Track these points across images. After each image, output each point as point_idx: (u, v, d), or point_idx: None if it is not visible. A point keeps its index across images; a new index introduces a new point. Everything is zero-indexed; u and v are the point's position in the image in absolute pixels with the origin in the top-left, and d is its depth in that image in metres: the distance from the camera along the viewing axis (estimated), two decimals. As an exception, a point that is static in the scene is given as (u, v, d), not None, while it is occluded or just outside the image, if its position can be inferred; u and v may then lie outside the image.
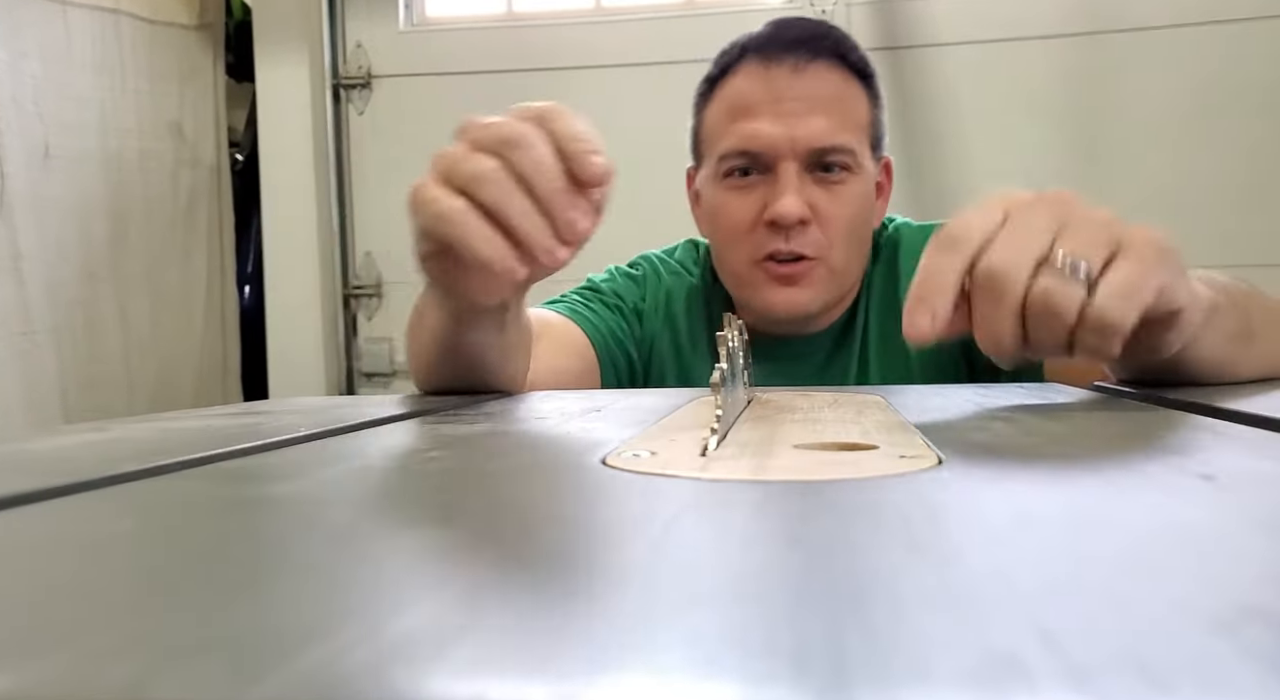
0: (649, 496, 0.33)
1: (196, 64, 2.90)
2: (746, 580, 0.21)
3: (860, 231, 1.19)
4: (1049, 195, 0.59)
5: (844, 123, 1.14)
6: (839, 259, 1.16)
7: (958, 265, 0.57)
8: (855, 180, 1.15)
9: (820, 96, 1.14)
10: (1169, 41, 2.49)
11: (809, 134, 1.12)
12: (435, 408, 0.69)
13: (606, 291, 1.26)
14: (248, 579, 0.23)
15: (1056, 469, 0.36)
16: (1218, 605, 0.18)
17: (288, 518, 0.31)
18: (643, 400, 0.72)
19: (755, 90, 1.16)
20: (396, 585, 0.22)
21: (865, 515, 0.28)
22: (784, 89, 1.14)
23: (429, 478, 0.39)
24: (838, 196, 1.14)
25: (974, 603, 0.19)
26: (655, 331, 1.26)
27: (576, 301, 1.23)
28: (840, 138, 1.13)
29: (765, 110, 1.14)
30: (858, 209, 1.16)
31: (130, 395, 2.68)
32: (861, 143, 1.17)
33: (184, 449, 0.45)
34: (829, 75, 1.15)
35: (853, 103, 1.17)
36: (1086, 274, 0.55)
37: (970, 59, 2.60)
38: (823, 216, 1.14)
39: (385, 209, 2.96)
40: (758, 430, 0.49)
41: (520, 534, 0.27)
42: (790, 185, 1.12)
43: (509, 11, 2.93)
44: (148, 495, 0.35)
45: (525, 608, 0.19)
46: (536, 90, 2.79)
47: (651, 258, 1.33)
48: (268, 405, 0.86)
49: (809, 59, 1.14)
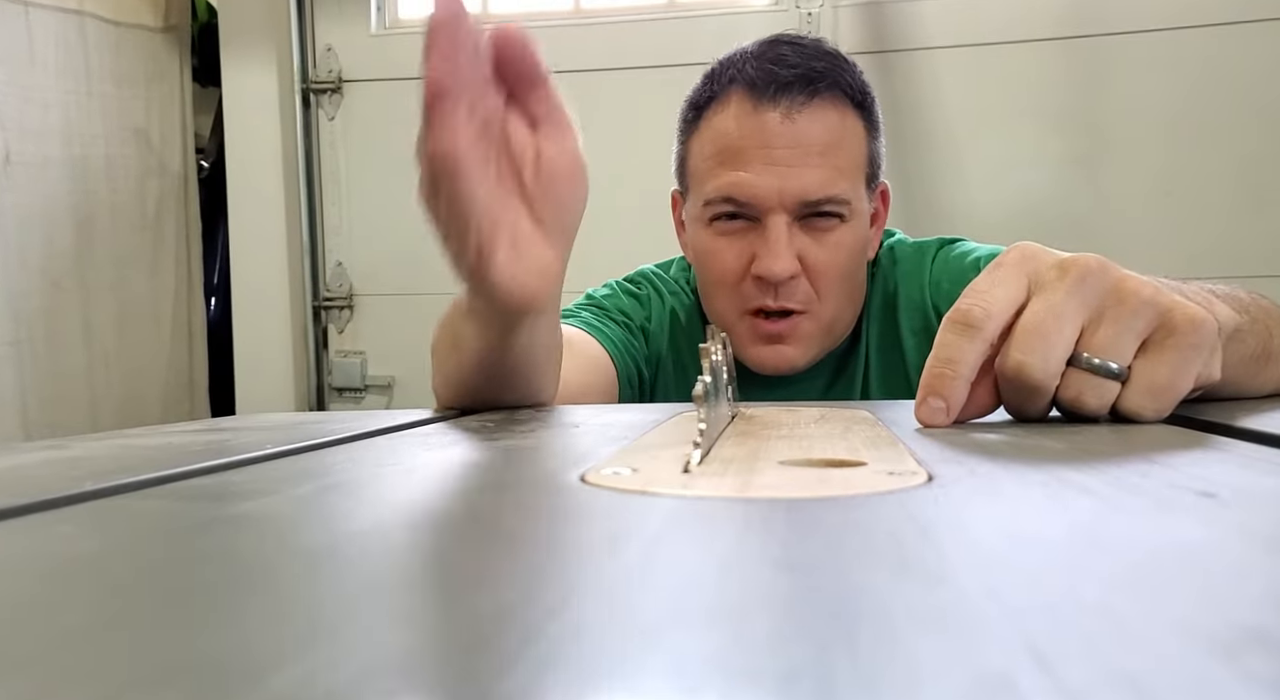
0: (629, 515, 0.32)
1: (162, 67, 2.90)
2: (730, 601, 0.21)
3: (852, 278, 1.18)
4: (1077, 267, 0.56)
5: (839, 170, 1.13)
6: (829, 310, 1.15)
7: (973, 353, 0.57)
8: (847, 228, 1.14)
9: (814, 144, 1.12)
10: (1164, 44, 2.49)
11: (800, 187, 1.11)
12: (408, 424, 0.69)
13: (612, 309, 1.25)
14: (213, 602, 0.23)
15: (1051, 486, 0.36)
16: (1218, 627, 0.18)
17: (256, 538, 0.31)
18: (623, 416, 0.72)
19: (744, 134, 1.13)
20: (366, 609, 0.22)
21: (853, 534, 0.28)
22: (774, 136, 1.12)
23: (401, 496, 0.39)
24: (828, 245, 1.13)
25: (965, 624, 0.19)
26: (660, 352, 1.26)
27: (589, 317, 1.22)
28: (833, 189, 1.12)
29: (754, 157, 1.12)
30: (849, 255, 1.15)
31: (94, 410, 2.66)
32: (857, 184, 1.15)
33: (148, 466, 0.45)
34: (825, 116, 1.13)
35: (849, 144, 1.15)
36: (1119, 371, 0.55)
37: (961, 63, 2.61)
38: (812, 268, 1.13)
39: (357, 218, 2.95)
40: (742, 446, 0.48)
41: (495, 554, 0.27)
42: (779, 241, 1.11)
43: (483, 13, 2.91)
44: (110, 515, 0.35)
45: (499, 631, 0.19)
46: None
47: (650, 277, 1.32)
48: (235, 421, 0.86)
49: (804, 101, 1.12)
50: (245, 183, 2.94)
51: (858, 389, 1.22)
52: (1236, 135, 2.47)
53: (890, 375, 1.21)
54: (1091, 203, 2.54)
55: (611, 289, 1.30)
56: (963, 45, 2.61)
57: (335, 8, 2.96)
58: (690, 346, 1.27)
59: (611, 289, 1.30)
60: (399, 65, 2.90)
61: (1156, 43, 2.51)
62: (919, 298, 1.20)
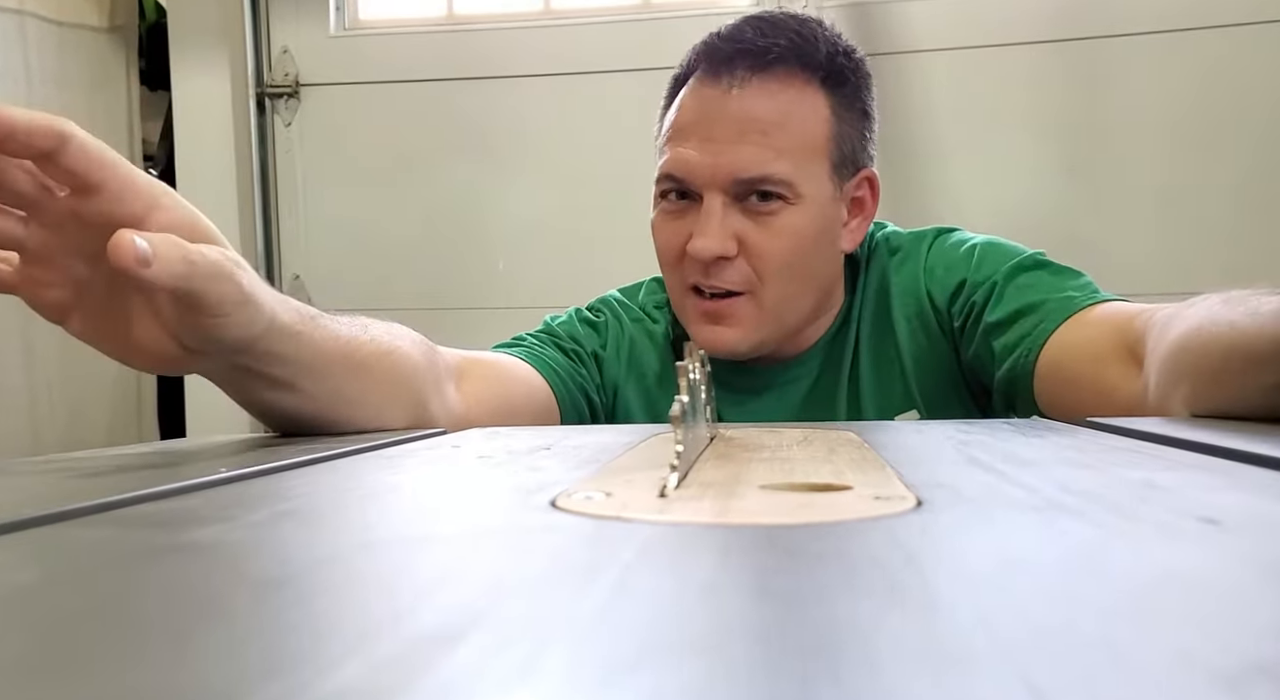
0: (603, 542, 0.32)
1: (108, 70, 2.89)
2: (709, 633, 0.21)
3: (802, 265, 1.18)
4: None
5: (780, 149, 1.13)
6: (772, 295, 1.16)
7: None
8: (793, 210, 1.14)
9: (754, 120, 1.13)
10: (1165, 47, 2.50)
11: (733, 163, 1.12)
12: (367, 446, 0.69)
13: (563, 336, 1.27)
14: (161, 636, 0.22)
15: (1046, 511, 0.36)
16: (1222, 660, 0.18)
17: (207, 568, 0.30)
18: (596, 437, 0.72)
19: (691, 109, 1.16)
20: (325, 641, 0.22)
21: (838, 562, 0.28)
22: (714, 112, 1.14)
23: (361, 523, 0.39)
24: (768, 228, 1.14)
25: (957, 656, 0.19)
26: (618, 380, 1.27)
27: (533, 344, 1.23)
28: (770, 168, 1.12)
29: (694, 133, 1.15)
30: (795, 241, 1.15)
31: (35, 433, 2.65)
32: (807, 167, 1.15)
33: (94, 492, 0.45)
34: (774, 91, 1.14)
35: (799, 122, 1.15)
36: None
37: (952, 66, 2.61)
38: (752, 250, 1.14)
39: (314, 229, 2.94)
40: (721, 469, 0.48)
41: (460, 583, 0.27)
42: (711, 220, 1.13)
43: (449, 14, 2.91)
44: (51, 543, 0.35)
45: (466, 664, 0.19)
46: (480, 100, 2.81)
47: (612, 302, 1.34)
48: (186, 443, 0.85)
49: (748, 75, 1.13)
50: (196, 192, 2.90)
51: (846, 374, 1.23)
52: (1242, 143, 2.48)
53: (882, 362, 1.22)
54: (1088, 213, 2.54)
55: (569, 316, 1.32)
56: (954, 48, 2.61)
57: (292, 7, 2.94)
58: (657, 372, 1.28)
59: (569, 316, 1.32)
60: (359, 68, 2.90)
61: (1156, 45, 2.51)
62: (914, 285, 1.22)
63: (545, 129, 2.78)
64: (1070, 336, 1.02)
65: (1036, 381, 1.03)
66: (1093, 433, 0.68)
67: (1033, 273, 1.12)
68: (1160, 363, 0.82)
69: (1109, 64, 2.54)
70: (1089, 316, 1.02)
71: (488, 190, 2.80)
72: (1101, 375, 0.96)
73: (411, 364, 0.91)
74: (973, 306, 1.13)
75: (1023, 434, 0.67)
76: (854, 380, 1.23)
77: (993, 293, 1.12)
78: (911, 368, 1.19)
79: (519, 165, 2.80)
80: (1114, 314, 1.00)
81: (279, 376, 0.77)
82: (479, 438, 0.76)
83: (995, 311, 1.10)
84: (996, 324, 1.10)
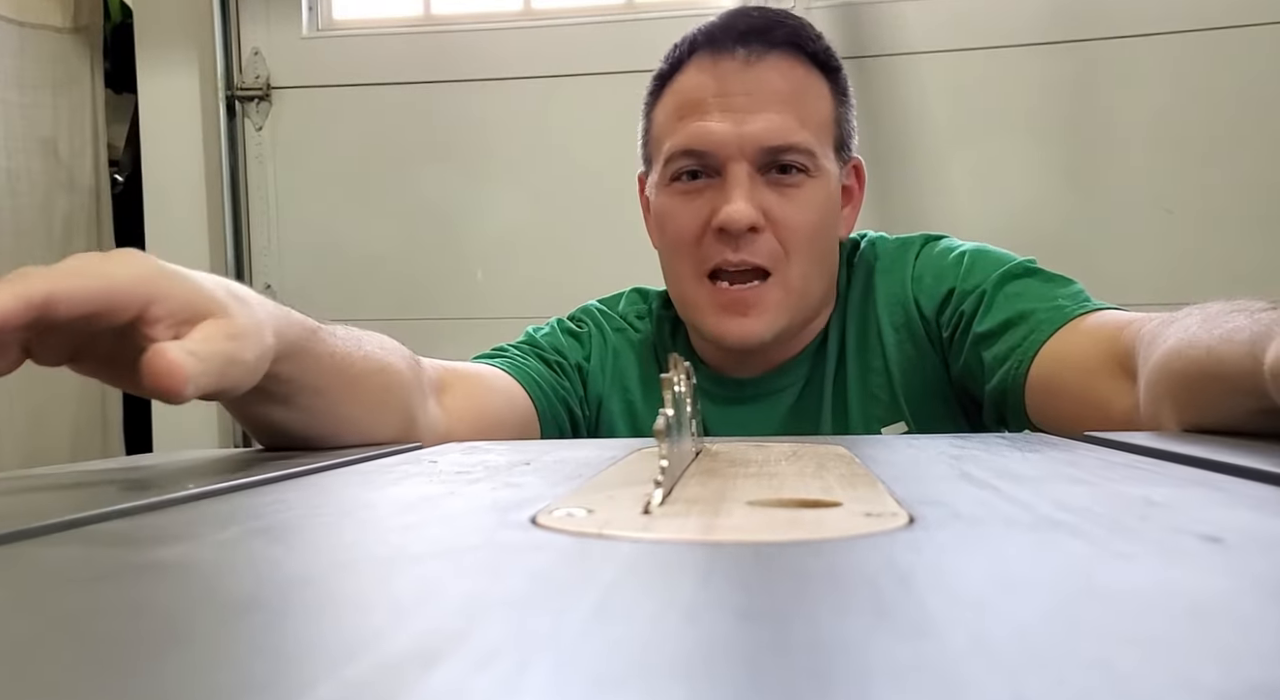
0: (584, 560, 0.32)
1: (72, 72, 2.88)
2: (693, 655, 0.21)
3: (822, 241, 1.20)
4: None
5: (801, 120, 1.15)
6: (797, 273, 1.17)
7: None
8: (814, 184, 1.16)
9: (774, 91, 1.15)
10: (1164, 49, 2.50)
11: (760, 131, 1.13)
12: (342, 461, 0.69)
13: (546, 347, 1.27)
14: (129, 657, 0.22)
15: (1043, 528, 0.36)
16: (1225, 683, 0.18)
17: (174, 588, 0.30)
18: (577, 452, 0.72)
19: (704, 85, 1.17)
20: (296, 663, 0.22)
21: (827, 581, 0.28)
22: (734, 83, 1.15)
23: (334, 541, 0.39)
24: (794, 200, 1.15)
25: (950, 681, 0.19)
26: (603, 392, 1.28)
27: (515, 355, 1.24)
28: (796, 136, 1.14)
29: (713, 106, 1.15)
30: (818, 215, 1.17)
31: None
32: (822, 142, 1.18)
33: (56, 509, 0.44)
34: (786, 68, 1.17)
35: (813, 98, 1.18)
36: None
37: (945, 68, 2.62)
38: (777, 222, 1.15)
39: (287, 236, 2.93)
40: (707, 485, 0.48)
41: (437, 604, 0.27)
42: (740, 187, 1.13)
43: (426, 14, 2.91)
44: (12, 562, 0.35)
45: (442, 688, 0.19)
46: (458, 103, 2.81)
47: (594, 313, 1.35)
48: (153, 459, 0.85)
49: (763, 51, 1.16)
50: (163, 198, 2.91)
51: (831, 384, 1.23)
52: (1243, 148, 2.48)
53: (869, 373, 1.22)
54: (1085, 219, 2.54)
55: (551, 327, 1.33)
56: (947, 50, 2.62)
57: (263, 7, 2.93)
58: (641, 384, 1.28)
59: (551, 327, 1.33)
60: (333, 70, 2.89)
61: (1155, 47, 2.52)
62: (900, 292, 1.22)
63: (525, 133, 2.78)
64: (1061, 348, 1.03)
65: (1028, 394, 1.04)
66: (1089, 447, 0.68)
67: (1022, 281, 1.12)
68: (1146, 379, 0.83)
69: (1103, 67, 2.55)
70: (1080, 326, 1.03)
71: (466, 196, 2.80)
72: (1093, 388, 0.96)
73: (401, 380, 0.92)
74: (961, 316, 1.14)
75: (1018, 449, 0.67)
76: (840, 390, 1.23)
77: (982, 301, 1.12)
78: (899, 378, 1.20)
79: (498, 170, 2.80)
80: (1105, 324, 1.00)
81: (275, 393, 0.78)
82: (457, 452, 0.76)
83: (985, 321, 1.11)
84: (986, 334, 1.10)
